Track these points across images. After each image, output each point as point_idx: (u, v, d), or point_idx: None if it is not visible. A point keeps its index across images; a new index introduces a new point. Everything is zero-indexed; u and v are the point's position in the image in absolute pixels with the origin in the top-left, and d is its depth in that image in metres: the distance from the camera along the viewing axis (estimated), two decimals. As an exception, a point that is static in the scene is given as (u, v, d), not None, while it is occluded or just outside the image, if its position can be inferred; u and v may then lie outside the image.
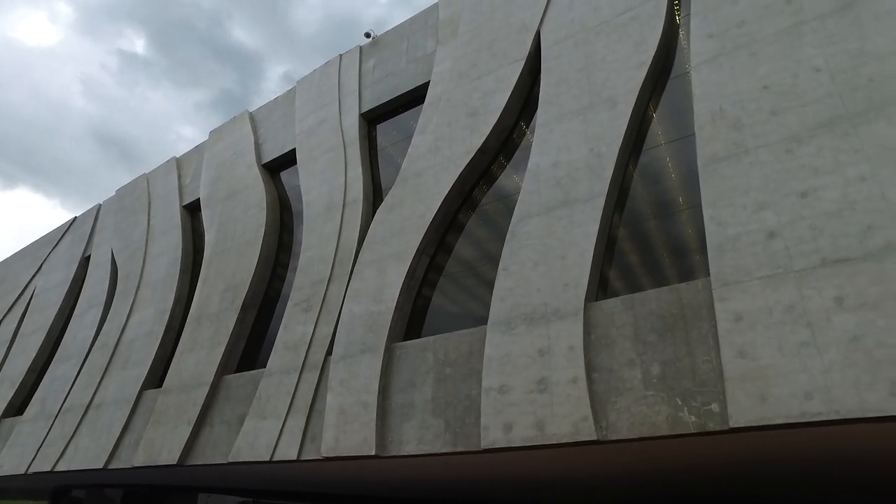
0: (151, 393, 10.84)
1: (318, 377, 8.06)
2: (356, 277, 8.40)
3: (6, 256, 20.00)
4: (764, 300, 4.92)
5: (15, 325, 16.92)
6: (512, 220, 7.02)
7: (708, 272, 5.35)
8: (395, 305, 7.71)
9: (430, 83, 9.30)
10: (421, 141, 8.78)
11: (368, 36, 10.97)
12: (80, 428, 11.71)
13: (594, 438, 5.35)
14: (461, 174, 8.06)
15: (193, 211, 13.26)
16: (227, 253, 11.13)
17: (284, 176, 11.74)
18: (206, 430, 9.30)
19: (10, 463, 13.07)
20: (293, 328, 8.84)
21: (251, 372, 9.25)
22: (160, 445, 9.67)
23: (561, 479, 7.67)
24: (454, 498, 10.05)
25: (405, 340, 7.63)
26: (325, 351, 8.20)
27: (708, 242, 5.41)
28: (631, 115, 6.73)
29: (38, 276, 17.52)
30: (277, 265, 10.78)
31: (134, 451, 10.19)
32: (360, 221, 9.02)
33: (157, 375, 11.19)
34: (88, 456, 11.06)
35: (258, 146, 12.11)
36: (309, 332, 8.56)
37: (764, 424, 4.57)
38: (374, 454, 6.85)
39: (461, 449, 6.27)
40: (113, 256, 14.58)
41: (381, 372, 7.32)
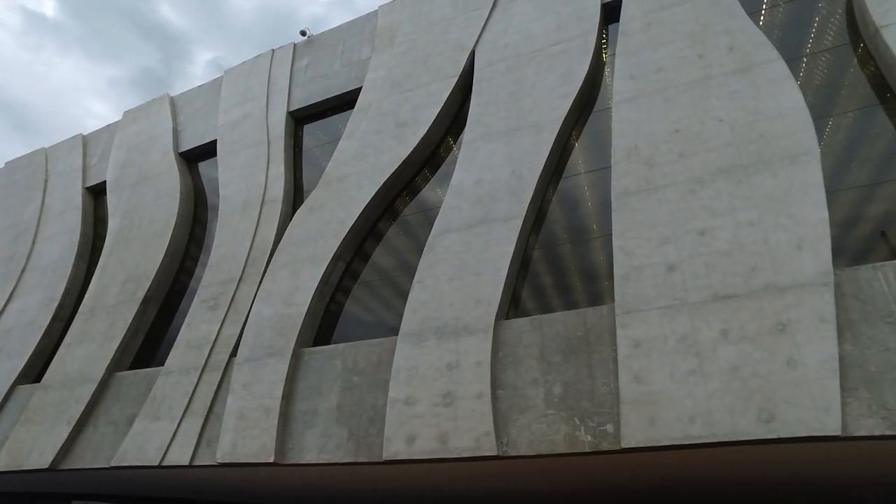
0: (26, 388, 9.92)
1: (219, 378, 7.72)
2: (269, 278, 8.16)
3: None
4: (661, 329, 5.24)
5: None
6: (431, 233, 7.09)
7: (613, 299, 5.64)
8: (306, 309, 7.55)
9: (362, 89, 9.27)
10: (347, 146, 8.70)
11: (304, 34, 10.79)
12: (-62, 422, 10.53)
13: (495, 454, 5.46)
14: (385, 183, 8.06)
15: (97, 194, 12.39)
16: (131, 242, 10.47)
17: (202, 167, 11.24)
18: (88, 430, 8.63)
19: None
20: (198, 326, 8.43)
21: (147, 370, 8.71)
22: (30, 447, 8.84)
23: (465, 493, 7.75)
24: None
25: (314, 346, 7.48)
26: (229, 352, 7.88)
27: (615, 271, 5.71)
28: (554, 141, 7.02)
29: None
30: (186, 259, 10.26)
31: (-1, 451, 9.27)
32: (277, 221, 8.79)
33: (34, 369, 10.28)
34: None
35: (176, 133, 11.54)
36: (214, 330, 8.19)
37: (652, 445, 4.86)
38: (272, 461, 6.63)
39: (363, 459, 6.19)
40: (-3, 235, 13.32)
41: (286, 377, 7.12)
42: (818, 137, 5.55)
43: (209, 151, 10.95)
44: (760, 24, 6.87)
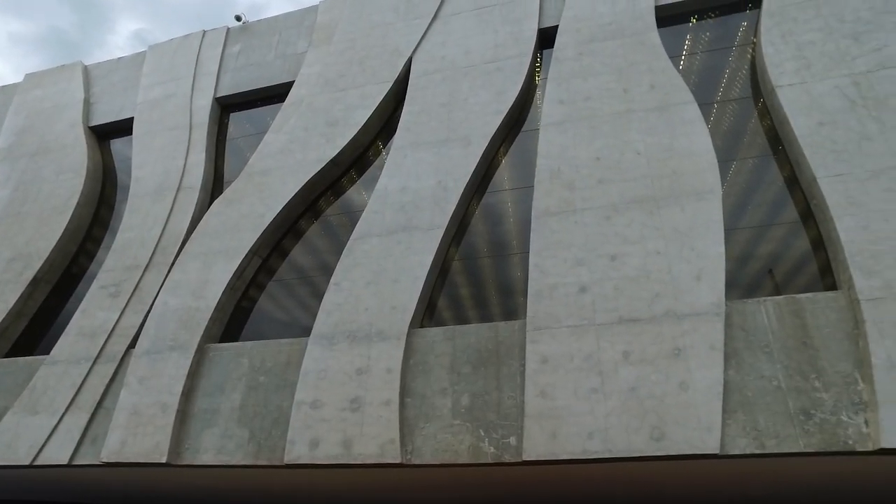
0: None
1: (113, 371, 7.23)
2: (178, 268, 7.76)
3: None
4: (568, 347, 5.45)
5: None
6: (352, 236, 7.01)
7: (526, 314, 5.80)
8: (215, 304, 7.24)
9: (294, 83, 9.06)
10: (274, 139, 8.47)
11: (239, 19, 10.43)
12: None
13: (398, 461, 5.45)
14: (309, 181, 7.90)
15: (-12, 161, 11.32)
16: (23, 216, 9.64)
17: (115, 144, 10.55)
18: (-46, 419, 7.82)
19: None
20: (94, 313, 7.87)
21: (28, 358, 8.01)
22: None
23: (369, 500, 7.66)
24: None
25: (221, 342, 7.18)
26: (127, 343, 7.40)
27: (529, 287, 5.88)
28: (482, 156, 7.16)
29: None
30: (88, 241, 9.57)
31: None
32: (193, 210, 8.39)
33: None
34: None
35: (88, 104, 10.77)
36: (113, 319, 7.67)
37: (551, 459, 5.03)
38: (164, 462, 6.28)
39: (263, 462, 6.00)
40: None
41: (188, 372, 6.78)
42: (721, 178, 6.00)
43: (124, 129, 10.30)
44: (680, 67, 7.35)
